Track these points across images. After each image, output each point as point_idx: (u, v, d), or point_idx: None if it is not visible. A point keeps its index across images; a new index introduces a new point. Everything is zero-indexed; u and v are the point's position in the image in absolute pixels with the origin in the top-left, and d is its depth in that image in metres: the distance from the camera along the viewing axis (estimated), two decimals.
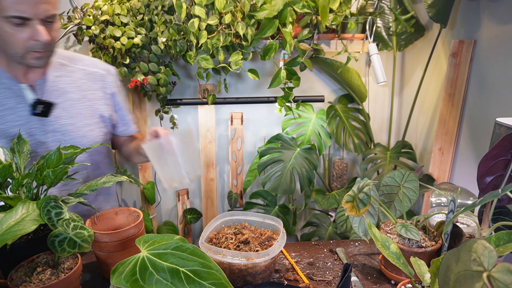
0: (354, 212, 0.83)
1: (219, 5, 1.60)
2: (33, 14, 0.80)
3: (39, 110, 0.95)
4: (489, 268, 0.44)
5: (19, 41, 0.83)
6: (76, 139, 1.04)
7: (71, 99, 1.02)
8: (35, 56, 0.87)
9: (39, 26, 0.82)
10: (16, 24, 0.81)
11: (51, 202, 0.76)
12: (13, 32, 0.82)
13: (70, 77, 1.02)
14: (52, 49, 0.90)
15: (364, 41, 1.88)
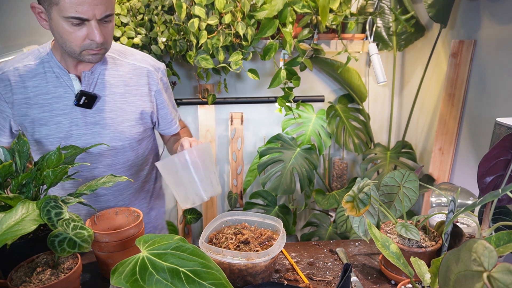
0: (354, 212, 0.83)
1: (219, 5, 1.60)
2: (91, 15, 0.83)
3: (82, 102, 0.96)
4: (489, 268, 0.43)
5: (77, 39, 0.86)
6: (115, 133, 1.04)
7: (115, 93, 1.02)
8: (90, 53, 0.90)
9: (96, 27, 0.85)
10: (74, 24, 0.83)
11: (51, 202, 0.76)
12: (72, 31, 0.85)
13: (117, 71, 1.02)
14: (107, 47, 0.92)
15: (364, 41, 1.88)
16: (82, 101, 0.97)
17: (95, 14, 0.83)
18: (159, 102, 1.11)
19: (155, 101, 1.10)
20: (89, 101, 0.97)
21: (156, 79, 1.08)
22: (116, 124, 1.03)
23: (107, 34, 0.89)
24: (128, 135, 1.06)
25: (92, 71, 0.98)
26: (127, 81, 1.03)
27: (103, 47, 0.90)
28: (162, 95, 1.11)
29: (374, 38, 1.87)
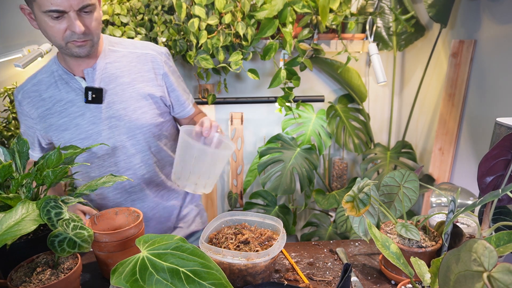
0: (354, 212, 0.83)
1: (219, 5, 1.60)
2: (67, 6, 0.83)
3: (90, 97, 0.98)
4: (489, 268, 0.43)
5: (58, 32, 0.87)
6: (131, 122, 1.04)
7: (122, 84, 1.02)
8: (76, 45, 0.90)
9: (74, 17, 0.85)
10: (54, 17, 0.85)
11: (51, 202, 0.76)
12: (53, 25, 0.86)
13: (120, 62, 1.03)
14: (92, 38, 0.92)
15: (364, 41, 1.89)
16: (90, 96, 0.98)
17: (71, 5, 0.83)
18: (168, 85, 1.10)
19: (164, 84, 1.09)
20: (97, 95, 0.99)
21: (160, 62, 1.07)
22: (130, 113, 1.03)
23: (89, 24, 0.89)
24: (144, 122, 1.06)
25: (94, 68, 1.00)
26: (132, 70, 1.04)
27: (88, 38, 0.90)
28: (170, 78, 1.09)
29: (374, 38, 1.87)
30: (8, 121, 1.72)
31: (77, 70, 1.00)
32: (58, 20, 0.85)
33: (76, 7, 0.84)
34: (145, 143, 1.08)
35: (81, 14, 0.87)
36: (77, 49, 0.91)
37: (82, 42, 0.90)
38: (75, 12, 0.85)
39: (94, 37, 0.93)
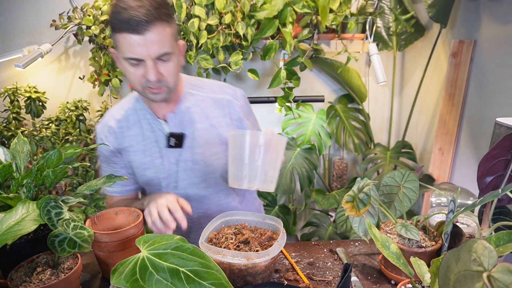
0: (354, 212, 0.83)
1: (219, 5, 1.60)
2: (145, 55, 0.85)
3: (172, 143, 1.02)
4: (489, 268, 0.43)
5: (136, 78, 0.89)
6: (206, 167, 1.06)
7: (200, 129, 1.04)
8: (151, 91, 0.92)
9: (151, 66, 0.86)
10: (133, 64, 0.87)
11: (51, 202, 0.76)
12: (132, 70, 0.89)
13: (198, 106, 1.04)
14: (168, 84, 0.92)
15: (364, 41, 1.89)
16: (173, 142, 1.02)
17: (149, 54, 0.85)
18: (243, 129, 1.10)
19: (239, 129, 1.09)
20: (179, 141, 1.02)
21: (236, 107, 1.08)
22: (206, 158, 1.05)
23: (165, 72, 0.90)
24: (218, 167, 1.07)
25: (175, 113, 1.02)
26: (209, 115, 1.05)
27: (163, 85, 0.91)
28: (244, 122, 1.10)
29: (374, 38, 1.87)
30: (8, 121, 1.72)
31: (159, 112, 1.02)
32: (137, 66, 0.87)
33: (153, 56, 0.86)
34: (215, 185, 1.10)
35: (158, 62, 0.88)
36: (152, 95, 0.93)
37: (157, 89, 0.91)
38: (153, 60, 0.86)
39: (170, 84, 0.92)
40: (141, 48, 0.83)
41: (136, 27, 0.81)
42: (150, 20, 0.81)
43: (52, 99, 1.86)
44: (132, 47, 0.83)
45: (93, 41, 1.77)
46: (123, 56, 0.87)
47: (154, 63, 0.87)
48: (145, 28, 0.81)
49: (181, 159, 1.04)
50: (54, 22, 1.74)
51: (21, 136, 0.92)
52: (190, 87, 1.05)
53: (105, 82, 1.80)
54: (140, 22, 0.80)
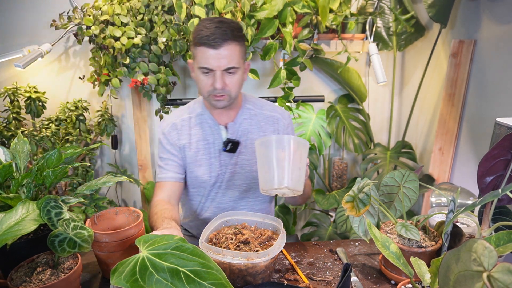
0: (354, 212, 0.83)
1: (219, 5, 1.60)
2: (216, 66, 1.01)
3: (228, 148, 1.15)
4: (489, 268, 0.43)
5: (206, 86, 1.06)
6: (250, 173, 1.19)
7: (251, 139, 1.18)
8: (215, 99, 1.07)
9: (219, 76, 1.02)
10: (204, 73, 1.04)
11: (51, 202, 0.76)
12: (203, 79, 1.05)
13: (252, 119, 1.19)
14: (230, 94, 1.07)
15: (364, 41, 1.88)
16: (229, 147, 1.15)
17: (219, 66, 1.01)
18: None
19: None
20: (234, 147, 1.15)
21: (282, 125, 1.22)
22: (251, 165, 1.19)
23: (230, 83, 1.05)
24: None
25: (235, 122, 1.17)
26: (260, 128, 1.20)
27: (226, 93, 1.06)
28: None
29: (374, 38, 1.87)
30: (8, 121, 1.72)
31: (220, 119, 1.17)
32: (207, 75, 1.04)
33: (222, 68, 1.02)
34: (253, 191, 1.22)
35: (225, 74, 1.04)
36: (215, 102, 1.08)
37: (220, 97, 1.06)
38: (221, 71, 1.02)
39: (232, 94, 1.07)
40: (214, 60, 1.00)
41: (213, 43, 0.98)
42: (225, 39, 0.99)
43: (52, 99, 1.86)
44: (207, 59, 1.01)
45: (93, 41, 1.77)
46: (198, 66, 1.03)
47: (222, 74, 1.03)
48: (220, 45, 0.99)
49: (230, 163, 1.17)
50: (54, 22, 1.74)
51: (21, 136, 0.92)
52: (247, 103, 1.21)
53: (105, 82, 1.80)
54: (217, 39, 0.98)
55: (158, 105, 1.97)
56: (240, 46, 1.04)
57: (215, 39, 0.98)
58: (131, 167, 2.14)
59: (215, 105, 1.09)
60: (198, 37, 1.01)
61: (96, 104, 1.99)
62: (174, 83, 1.85)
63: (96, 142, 1.94)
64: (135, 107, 1.94)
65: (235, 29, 1.02)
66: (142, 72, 1.76)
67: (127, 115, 2.05)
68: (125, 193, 2.19)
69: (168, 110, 1.90)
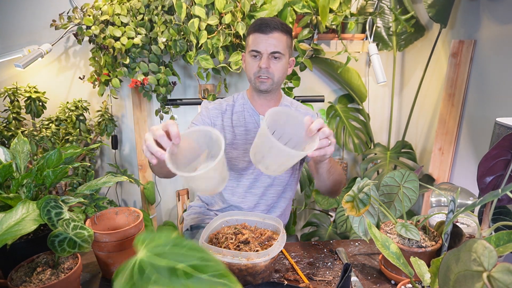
0: (354, 212, 0.83)
1: (219, 5, 1.60)
2: (263, 49, 1.12)
3: None
4: (489, 268, 0.43)
5: (253, 67, 1.16)
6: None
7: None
8: (259, 80, 1.16)
9: (265, 58, 1.13)
10: (253, 56, 1.15)
11: (51, 202, 0.76)
12: (251, 61, 1.16)
13: None
14: (273, 77, 1.15)
15: (364, 41, 1.88)
16: None
17: (266, 49, 1.12)
18: None
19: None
20: None
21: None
22: None
23: (274, 67, 1.15)
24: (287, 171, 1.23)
25: None
26: None
27: (269, 76, 1.15)
28: None
29: (374, 38, 1.87)
30: (8, 121, 1.72)
31: (260, 109, 1.24)
32: (255, 59, 1.15)
33: (269, 52, 1.12)
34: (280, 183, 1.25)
35: (271, 58, 1.14)
36: (259, 84, 1.16)
37: (264, 79, 1.15)
38: (268, 55, 1.13)
39: (275, 78, 1.16)
40: (262, 44, 1.12)
41: (264, 28, 1.12)
42: (275, 27, 1.12)
43: (52, 99, 1.86)
44: (257, 43, 1.13)
45: (93, 41, 1.77)
46: (249, 50, 1.15)
47: (268, 57, 1.13)
48: (270, 31, 1.12)
49: None
50: (54, 22, 1.74)
51: (21, 136, 0.92)
52: (286, 101, 1.29)
53: (105, 82, 1.80)
54: (268, 26, 1.12)
55: (158, 105, 1.97)
56: (287, 37, 1.16)
57: (266, 26, 1.12)
58: (131, 167, 2.14)
59: (259, 86, 1.16)
60: (253, 26, 1.15)
61: (96, 104, 1.99)
62: (174, 83, 1.85)
63: (96, 142, 1.94)
64: (135, 107, 1.94)
65: (285, 24, 1.15)
66: (142, 72, 1.76)
67: (127, 115, 2.05)
68: (125, 193, 2.19)
69: (168, 110, 1.90)
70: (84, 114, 1.86)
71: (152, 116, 2.04)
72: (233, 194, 1.25)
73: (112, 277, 0.65)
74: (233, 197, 1.25)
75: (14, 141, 0.90)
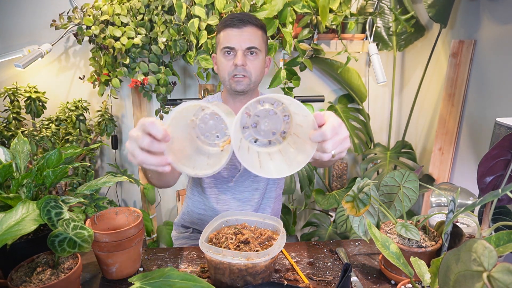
0: (354, 212, 0.83)
1: (219, 5, 1.60)
2: (237, 44, 1.04)
3: None
4: (489, 268, 0.43)
5: (227, 67, 1.06)
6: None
7: None
8: (235, 80, 1.07)
9: (240, 54, 1.04)
10: (226, 53, 1.06)
11: (51, 202, 0.76)
12: (224, 60, 1.07)
13: None
14: (250, 76, 1.07)
15: (364, 41, 1.88)
16: None
17: (240, 45, 1.04)
18: None
19: None
20: None
21: None
22: None
23: (251, 64, 1.06)
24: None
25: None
26: None
27: (246, 75, 1.06)
28: None
29: (374, 38, 1.87)
30: (8, 121, 1.72)
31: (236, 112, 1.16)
32: (229, 56, 1.06)
33: (244, 47, 1.04)
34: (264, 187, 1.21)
35: (247, 54, 1.06)
36: (235, 84, 1.07)
37: (240, 78, 1.06)
38: (242, 51, 1.04)
39: (252, 76, 1.08)
40: (236, 39, 1.03)
41: (237, 23, 1.03)
42: (248, 21, 1.04)
43: (52, 99, 1.86)
44: (230, 38, 1.04)
45: (93, 41, 1.77)
46: (221, 47, 1.06)
47: (244, 53, 1.05)
48: (243, 25, 1.04)
49: None
50: (54, 22, 1.74)
51: (21, 136, 0.92)
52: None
53: (105, 82, 1.80)
54: (240, 21, 1.04)
55: (158, 105, 1.97)
56: (262, 33, 1.08)
57: (238, 20, 1.04)
58: (131, 167, 2.14)
59: (235, 87, 1.07)
60: (223, 21, 1.07)
61: (96, 104, 1.99)
62: (174, 83, 1.85)
63: (96, 142, 1.94)
64: (135, 107, 1.94)
65: (258, 19, 1.08)
66: (142, 72, 1.76)
67: (127, 115, 2.05)
68: (125, 193, 2.19)
69: (168, 110, 1.90)
70: (84, 114, 1.86)
71: (152, 116, 2.04)
72: (217, 202, 1.22)
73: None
74: (218, 205, 1.22)
75: (14, 141, 0.90)
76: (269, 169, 0.69)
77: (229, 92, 1.12)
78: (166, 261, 0.97)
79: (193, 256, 0.99)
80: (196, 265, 0.94)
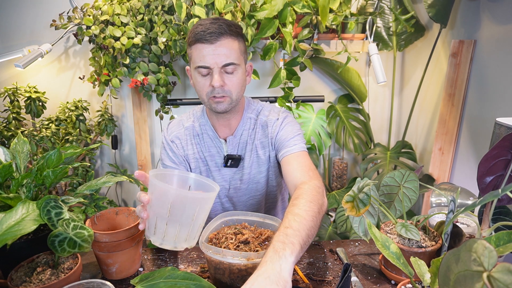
0: (354, 212, 0.83)
1: (219, 5, 1.60)
2: (212, 63, 0.93)
3: (229, 164, 1.10)
4: (489, 268, 0.43)
5: (204, 87, 0.97)
6: (250, 185, 1.14)
7: (249, 150, 1.12)
8: (215, 101, 0.98)
9: (217, 73, 0.94)
10: (202, 73, 0.96)
11: (51, 202, 0.76)
12: (200, 80, 0.97)
13: (251, 129, 1.12)
14: (231, 95, 0.98)
15: (364, 41, 1.88)
16: (229, 163, 1.10)
17: (216, 62, 0.93)
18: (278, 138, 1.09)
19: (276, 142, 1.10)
20: (235, 162, 1.10)
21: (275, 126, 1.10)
22: (252, 177, 1.14)
23: (229, 83, 0.97)
24: (263, 185, 1.16)
25: (234, 135, 1.10)
26: (255, 136, 1.12)
27: (226, 94, 0.97)
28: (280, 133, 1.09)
29: (374, 38, 1.87)
30: (8, 121, 1.72)
31: (220, 131, 1.10)
32: (205, 77, 0.96)
33: (220, 65, 0.94)
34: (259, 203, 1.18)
35: (224, 72, 0.96)
36: (215, 105, 0.99)
37: (220, 98, 0.97)
38: (219, 69, 0.94)
39: (233, 95, 0.99)
40: (210, 56, 0.93)
41: (209, 37, 0.91)
42: (222, 33, 0.92)
43: (52, 99, 1.86)
44: (203, 56, 0.93)
45: (93, 41, 1.77)
46: (195, 66, 0.95)
47: (220, 72, 0.95)
48: (216, 39, 0.92)
49: (234, 178, 1.14)
50: (54, 22, 1.74)
51: (21, 136, 0.92)
52: (249, 111, 1.12)
53: (105, 82, 1.80)
54: (213, 34, 0.91)
55: (158, 105, 1.97)
56: (238, 42, 0.97)
57: (210, 33, 0.91)
58: (131, 167, 2.14)
59: (216, 108, 0.99)
60: (193, 34, 0.94)
61: (96, 104, 1.99)
62: (174, 83, 1.85)
63: (96, 142, 1.94)
64: (135, 107, 1.94)
65: (232, 25, 0.95)
66: (142, 72, 1.76)
67: (127, 115, 2.05)
68: (125, 193, 2.19)
69: (168, 110, 1.90)
70: (84, 114, 1.86)
71: (152, 116, 2.04)
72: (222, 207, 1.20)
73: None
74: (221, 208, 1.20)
75: (14, 141, 0.90)
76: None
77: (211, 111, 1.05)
78: (166, 261, 0.97)
79: (193, 256, 0.99)
80: (196, 265, 0.94)
